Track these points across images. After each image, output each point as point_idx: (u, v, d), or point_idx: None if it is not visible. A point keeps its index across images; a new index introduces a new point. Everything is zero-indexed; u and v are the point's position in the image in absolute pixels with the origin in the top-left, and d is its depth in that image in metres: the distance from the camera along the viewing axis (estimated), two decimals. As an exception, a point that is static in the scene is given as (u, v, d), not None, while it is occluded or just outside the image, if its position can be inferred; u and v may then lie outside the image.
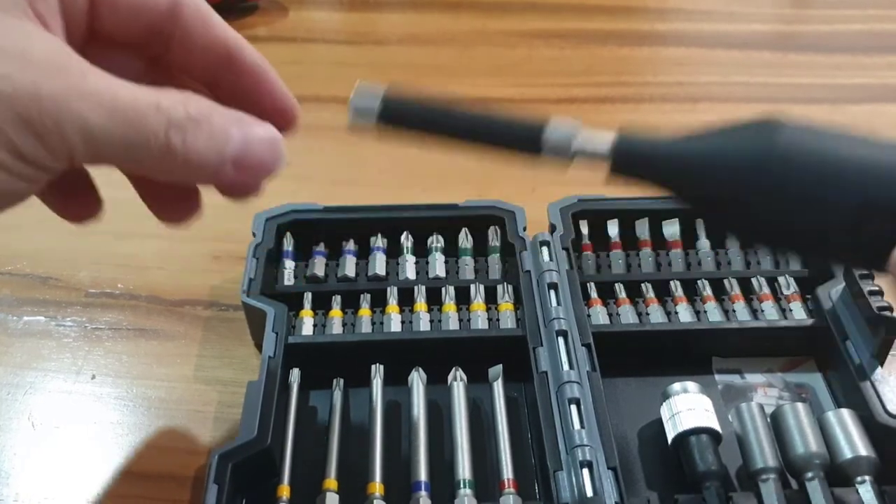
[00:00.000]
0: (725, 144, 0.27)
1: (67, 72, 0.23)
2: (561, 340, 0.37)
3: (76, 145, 0.23)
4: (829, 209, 0.25)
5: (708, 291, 0.42)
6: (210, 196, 0.29)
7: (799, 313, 0.40)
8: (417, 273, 0.43)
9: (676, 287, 0.42)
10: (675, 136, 0.28)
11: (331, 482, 0.33)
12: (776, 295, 0.41)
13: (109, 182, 0.31)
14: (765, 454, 0.33)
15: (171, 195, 0.31)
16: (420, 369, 0.38)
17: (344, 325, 0.41)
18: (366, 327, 0.40)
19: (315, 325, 0.40)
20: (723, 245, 0.44)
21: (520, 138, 0.28)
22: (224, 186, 0.27)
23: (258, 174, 0.27)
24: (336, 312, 0.41)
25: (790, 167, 0.25)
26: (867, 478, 0.32)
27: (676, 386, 0.36)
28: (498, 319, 0.41)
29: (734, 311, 0.41)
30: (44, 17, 0.25)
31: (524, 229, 0.43)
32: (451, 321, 0.40)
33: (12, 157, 0.23)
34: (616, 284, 0.42)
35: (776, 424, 0.35)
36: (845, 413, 0.35)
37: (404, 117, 0.28)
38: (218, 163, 0.26)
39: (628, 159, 0.28)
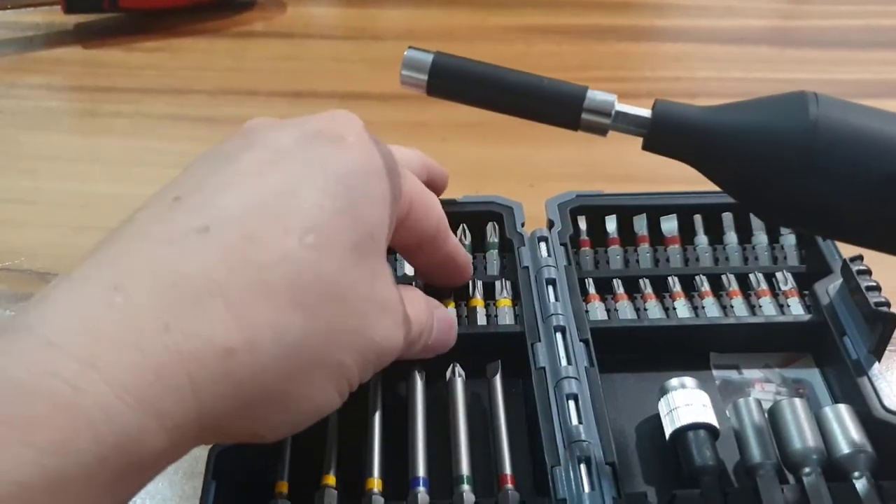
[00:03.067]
0: (760, 116, 0.28)
1: (399, 322, 0.30)
2: (559, 336, 0.37)
3: (384, 365, 0.30)
4: (857, 181, 0.26)
5: (706, 287, 0.42)
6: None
7: (796, 309, 0.40)
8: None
9: (674, 283, 0.42)
10: (710, 107, 0.29)
11: (329, 478, 0.34)
12: (774, 290, 0.42)
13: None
14: (762, 449, 0.33)
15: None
16: (418, 365, 0.38)
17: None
18: (364, 323, 0.40)
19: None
20: (720, 241, 0.44)
21: (562, 100, 0.29)
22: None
23: (440, 351, 0.36)
24: (334, 308, 0.41)
25: (821, 138, 0.26)
26: (864, 473, 0.33)
27: (674, 381, 0.36)
28: (496, 315, 0.41)
29: (732, 306, 0.41)
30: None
31: (522, 225, 0.43)
32: (450, 317, 0.40)
33: (348, 387, 0.28)
34: (614, 280, 0.42)
35: (773, 420, 0.35)
36: (842, 408, 0.35)
37: (452, 80, 0.29)
38: (421, 346, 0.33)
39: (666, 127, 0.29)
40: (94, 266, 0.24)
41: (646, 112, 0.29)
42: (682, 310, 0.41)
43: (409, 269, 0.42)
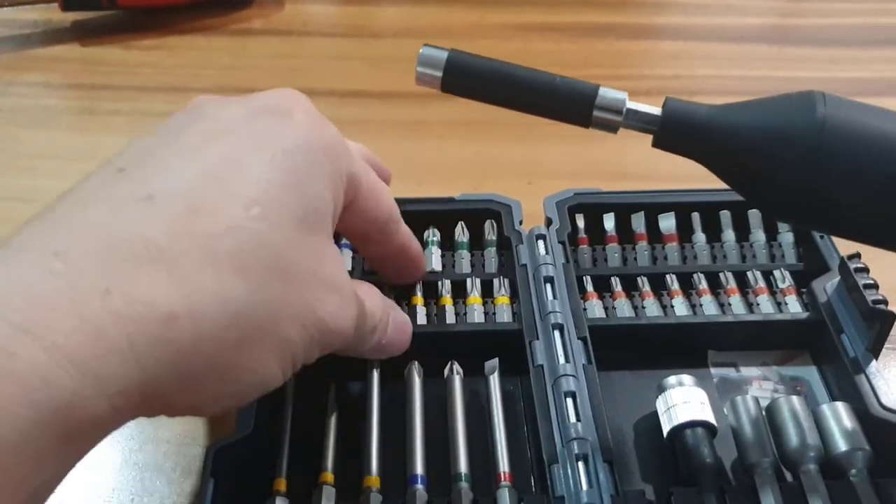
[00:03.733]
0: (768, 114, 0.28)
1: (350, 305, 0.30)
2: (557, 334, 0.37)
3: (330, 349, 0.30)
4: (863, 179, 0.27)
5: (704, 285, 0.42)
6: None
7: (794, 307, 0.40)
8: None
9: (672, 281, 0.42)
10: (719, 106, 0.29)
11: (327, 476, 0.34)
12: (772, 288, 0.42)
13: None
14: (760, 447, 0.34)
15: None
16: (416, 363, 0.38)
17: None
18: (362, 321, 0.40)
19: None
20: (718, 239, 0.44)
21: (574, 98, 0.29)
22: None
23: (399, 351, 0.36)
24: (332, 306, 0.41)
25: (828, 137, 0.27)
26: (862, 470, 0.33)
27: (672, 379, 0.36)
28: (494, 313, 0.41)
29: (730, 304, 0.41)
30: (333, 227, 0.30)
31: (520, 223, 0.43)
32: (448, 315, 0.40)
33: (291, 364, 0.28)
34: (612, 278, 0.42)
35: (771, 417, 0.35)
36: (840, 406, 0.35)
37: (466, 77, 0.30)
38: (398, 349, 0.35)
39: (676, 125, 0.29)
40: (33, 233, 0.24)
41: (656, 110, 0.30)
42: (680, 308, 0.41)
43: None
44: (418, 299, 0.41)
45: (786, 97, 0.29)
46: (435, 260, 0.43)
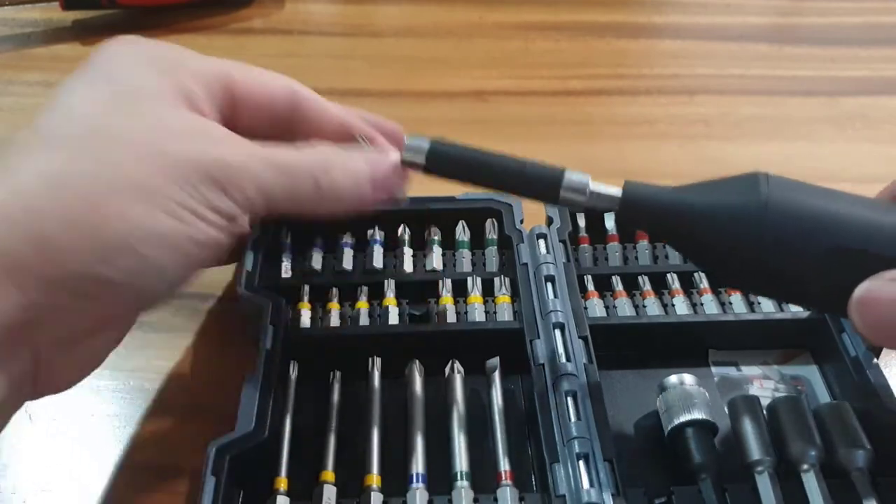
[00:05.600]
0: (717, 196, 0.31)
1: (242, 144, 0.31)
2: (558, 333, 0.37)
3: (254, 197, 0.30)
4: (805, 253, 0.29)
5: (704, 284, 0.42)
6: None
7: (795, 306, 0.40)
8: (415, 266, 0.43)
9: (673, 279, 0.42)
10: (674, 188, 0.32)
11: (328, 474, 0.34)
12: (772, 287, 0.42)
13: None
14: (760, 446, 0.34)
15: None
16: (417, 362, 0.38)
17: (341, 317, 0.41)
18: (363, 320, 0.40)
19: (312, 318, 0.40)
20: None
21: (543, 181, 0.32)
22: (370, 205, 0.34)
23: (390, 188, 0.35)
24: (334, 305, 0.41)
25: (771, 214, 0.29)
26: (862, 470, 0.33)
27: (673, 378, 0.36)
28: (495, 312, 0.41)
29: (731, 303, 0.41)
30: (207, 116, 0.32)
31: (521, 222, 0.43)
32: (449, 314, 0.40)
33: (206, 208, 0.29)
34: (613, 277, 0.42)
35: (772, 417, 0.35)
36: (841, 405, 0.35)
37: (446, 166, 0.33)
38: (357, 189, 0.33)
39: (634, 206, 0.32)
40: None
41: (616, 191, 0.32)
42: (681, 306, 0.41)
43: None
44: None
45: (734, 179, 0.31)
46: (436, 259, 0.43)
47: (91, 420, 0.38)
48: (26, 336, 0.27)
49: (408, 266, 0.43)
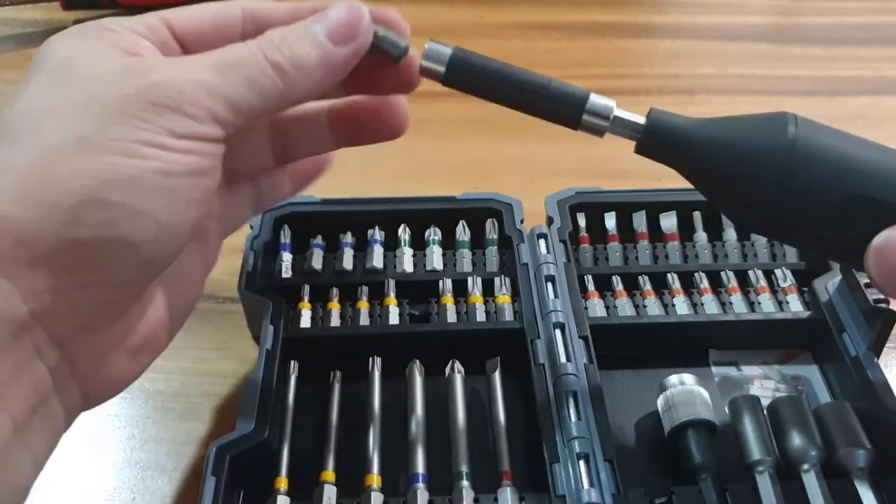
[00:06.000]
0: (745, 132, 0.30)
1: (178, 62, 0.29)
2: (558, 333, 0.37)
3: (213, 106, 0.28)
4: (827, 196, 0.29)
5: (705, 284, 0.42)
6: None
7: (795, 306, 0.40)
8: (415, 266, 0.43)
9: (673, 279, 0.42)
10: (699, 120, 0.31)
11: (328, 474, 0.34)
12: (773, 287, 0.42)
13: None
14: (761, 446, 0.34)
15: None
16: (417, 362, 0.38)
17: (342, 317, 0.41)
18: (364, 320, 0.40)
19: (313, 318, 0.40)
20: (720, 238, 0.44)
21: (566, 101, 0.31)
22: (347, 61, 0.30)
23: (355, 33, 0.31)
24: (334, 305, 0.41)
25: (797, 156, 0.29)
26: (863, 469, 0.33)
27: (673, 378, 0.36)
28: (495, 312, 0.41)
29: (731, 303, 0.41)
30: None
31: (521, 222, 0.43)
32: (449, 314, 0.40)
33: (164, 136, 0.27)
34: (613, 277, 0.42)
35: (772, 416, 0.35)
36: (841, 405, 0.35)
37: (467, 74, 0.31)
38: (319, 48, 0.30)
39: (658, 134, 0.31)
40: None
41: (641, 119, 0.31)
42: (682, 307, 0.41)
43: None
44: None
45: (762, 117, 0.31)
46: (436, 259, 0.43)
47: (91, 419, 0.38)
48: (38, 327, 0.26)
49: (408, 266, 0.42)
